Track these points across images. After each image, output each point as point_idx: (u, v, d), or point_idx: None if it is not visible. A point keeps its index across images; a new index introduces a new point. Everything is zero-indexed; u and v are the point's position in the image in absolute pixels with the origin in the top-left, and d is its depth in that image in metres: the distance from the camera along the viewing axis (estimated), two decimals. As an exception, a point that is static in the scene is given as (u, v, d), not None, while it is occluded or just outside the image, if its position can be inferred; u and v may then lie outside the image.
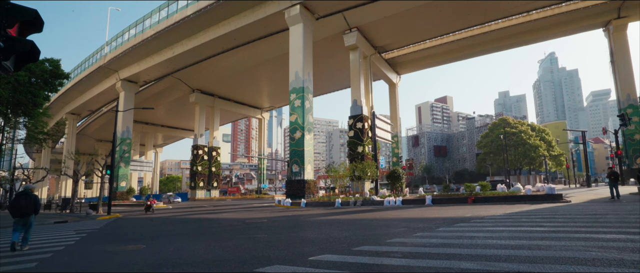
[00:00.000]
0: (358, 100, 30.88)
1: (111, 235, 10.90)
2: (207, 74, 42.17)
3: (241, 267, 5.20)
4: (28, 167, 59.52)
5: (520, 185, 21.63)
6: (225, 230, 10.78)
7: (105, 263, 6.19)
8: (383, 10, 28.39)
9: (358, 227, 9.78)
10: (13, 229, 7.97)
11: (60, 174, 48.10)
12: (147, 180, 72.95)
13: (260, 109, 60.22)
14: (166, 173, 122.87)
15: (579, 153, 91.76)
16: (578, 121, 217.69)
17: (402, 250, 5.84)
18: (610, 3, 30.39)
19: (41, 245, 8.96)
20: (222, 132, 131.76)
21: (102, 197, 24.91)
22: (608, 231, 6.87)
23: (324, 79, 43.29)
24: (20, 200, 7.94)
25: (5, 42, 3.59)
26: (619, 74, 31.72)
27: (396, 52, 39.09)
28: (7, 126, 24.49)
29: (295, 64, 27.29)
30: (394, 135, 39.29)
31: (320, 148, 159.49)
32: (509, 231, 7.52)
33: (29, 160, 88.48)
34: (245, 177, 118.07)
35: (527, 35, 35.22)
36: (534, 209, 12.74)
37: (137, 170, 52.43)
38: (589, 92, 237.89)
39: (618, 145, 26.32)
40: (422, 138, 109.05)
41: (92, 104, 52.33)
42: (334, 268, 4.85)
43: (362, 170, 26.54)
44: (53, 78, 22.76)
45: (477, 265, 4.56)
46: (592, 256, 4.73)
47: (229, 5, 29.25)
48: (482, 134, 76.61)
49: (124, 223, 15.85)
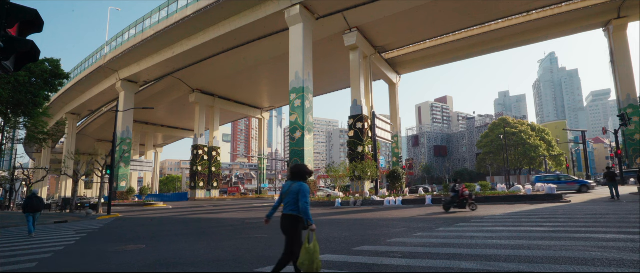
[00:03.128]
0: (358, 100, 30.88)
1: (111, 235, 10.90)
2: (207, 74, 42.16)
3: (241, 267, 5.20)
4: (28, 167, 59.58)
5: (520, 185, 21.64)
6: (225, 230, 10.78)
7: (105, 263, 6.19)
8: (383, 10, 28.37)
9: (358, 227, 9.78)
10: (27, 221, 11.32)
11: (60, 174, 48.10)
12: (147, 180, 72.91)
13: (260, 109, 60.20)
14: (166, 173, 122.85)
15: (579, 153, 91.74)
16: (578, 121, 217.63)
17: (402, 250, 5.84)
18: (610, 3, 30.37)
19: (41, 245, 8.96)
20: (222, 132, 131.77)
21: (102, 197, 24.91)
22: (608, 231, 6.87)
23: (324, 79, 43.27)
24: (32, 200, 11.50)
25: (5, 42, 3.58)
26: (619, 74, 31.70)
27: (396, 52, 39.07)
28: (7, 126, 24.51)
29: (295, 64, 27.29)
30: (394, 135, 39.27)
31: (320, 148, 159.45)
32: (508, 231, 7.52)
33: (29, 160, 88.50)
34: (245, 177, 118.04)
35: (527, 35, 35.19)
36: (534, 209, 12.74)
37: (137, 170, 52.41)
38: (589, 92, 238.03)
39: (618, 145, 26.34)
40: (422, 138, 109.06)
41: (92, 104, 52.31)
42: (334, 268, 4.85)
43: (362, 170, 26.53)
44: (53, 78, 22.76)
45: (477, 265, 4.56)
46: (592, 256, 4.73)
47: (229, 5, 29.24)
48: (482, 134, 76.61)
49: (124, 223, 15.85)
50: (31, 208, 11.31)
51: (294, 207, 3.98)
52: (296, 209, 3.96)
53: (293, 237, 3.96)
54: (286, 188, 4.11)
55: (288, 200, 4.05)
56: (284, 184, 4.27)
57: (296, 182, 4.09)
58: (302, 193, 3.95)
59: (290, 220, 3.98)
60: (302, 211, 3.91)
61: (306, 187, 4.03)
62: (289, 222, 3.98)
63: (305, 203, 3.91)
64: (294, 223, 3.97)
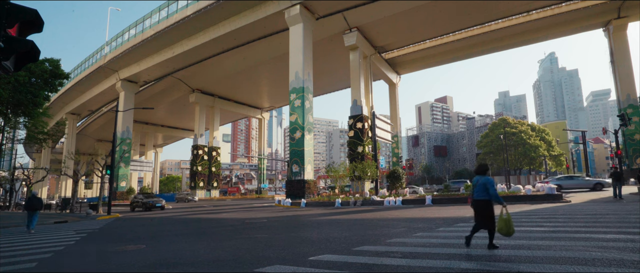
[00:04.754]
0: (358, 100, 30.88)
1: (111, 235, 10.90)
2: (207, 74, 42.17)
3: (241, 267, 5.20)
4: (28, 167, 59.55)
5: (520, 185, 21.65)
6: (225, 230, 10.77)
7: (105, 264, 6.19)
8: (383, 10, 28.38)
9: (358, 227, 9.77)
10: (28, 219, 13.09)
11: (60, 174, 48.10)
12: (147, 180, 72.92)
13: (260, 109, 60.21)
14: (166, 173, 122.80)
15: (579, 153, 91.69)
16: (578, 121, 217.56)
17: (402, 250, 5.84)
18: (610, 3, 30.37)
19: (41, 245, 8.96)
20: (222, 132, 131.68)
21: (102, 197, 24.91)
22: (608, 231, 6.87)
23: (324, 79, 43.28)
24: (33, 200, 13.33)
25: (5, 42, 3.58)
26: (619, 74, 31.69)
27: (396, 52, 39.08)
28: (7, 126, 24.51)
29: (295, 64, 27.29)
30: (394, 135, 39.27)
31: (320, 148, 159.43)
32: (509, 231, 7.50)
33: (29, 160, 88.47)
34: (245, 177, 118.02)
35: (527, 35, 35.20)
36: (534, 209, 12.74)
37: (137, 170, 52.42)
38: (589, 92, 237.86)
39: (618, 145, 26.28)
40: (422, 138, 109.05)
41: (92, 104, 52.32)
42: (334, 268, 4.85)
43: (362, 170, 26.53)
44: (53, 78, 22.76)
45: (477, 265, 4.56)
46: (592, 256, 4.73)
47: (228, 5, 29.24)
48: (482, 134, 76.55)
49: (124, 223, 15.85)
50: (32, 207, 13.17)
51: (484, 194, 5.58)
52: (486, 195, 5.56)
53: (487, 214, 5.58)
54: (476, 181, 5.81)
55: (478, 189, 5.68)
56: (473, 178, 5.94)
57: (482, 176, 5.75)
58: (489, 183, 5.56)
59: (483, 203, 5.62)
60: (493, 196, 5.49)
61: (491, 179, 5.66)
62: (483, 205, 5.62)
63: (494, 190, 5.52)
64: (486, 206, 5.59)
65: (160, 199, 27.83)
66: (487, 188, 5.54)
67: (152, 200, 27.13)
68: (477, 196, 5.66)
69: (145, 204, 26.63)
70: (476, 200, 5.67)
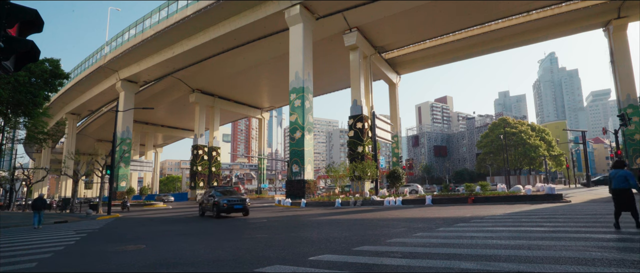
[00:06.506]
0: (358, 100, 30.88)
1: (111, 235, 10.90)
2: (207, 74, 42.16)
3: (241, 267, 5.20)
4: (28, 167, 59.55)
5: (520, 185, 21.65)
6: (225, 230, 10.78)
7: (105, 263, 6.19)
8: (383, 10, 28.37)
9: (358, 227, 9.77)
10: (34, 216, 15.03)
11: (60, 174, 48.11)
12: (147, 180, 72.88)
13: (260, 109, 60.19)
14: (166, 173, 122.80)
15: (579, 153, 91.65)
16: (578, 121, 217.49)
17: (402, 250, 5.84)
18: (610, 3, 30.35)
19: (41, 245, 8.96)
20: (222, 132, 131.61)
21: (102, 196, 24.92)
22: (608, 231, 6.87)
23: (324, 79, 43.27)
24: (38, 201, 15.30)
25: (5, 42, 3.58)
26: (619, 74, 31.67)
27: (396, 52, 39.07)
28: (7, 126, 24.50)
29: (295, 64, 27.28)
30: (394, 135, 39.27)
31: (320, 148, 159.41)
32: (508, 231, 7.52)
33: (29, 160, 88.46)
34: (245, 177, 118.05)
35: (527, 35, 35.19)
36: (534, 209, 12.74)
37: (137, 170, 52.41)
38: (589, 92, 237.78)
39: (618, 145, 26.34)
40: (422, 138, 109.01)
41: (92, 104, 52.31)
42: (334, 268, 4.85)
43: (362, 170, 26.53)
44: (53, 78, 22.75)
45: (477, 265, 4.56)
46: (592, 256, 4.73)
47: (228, 5, 29.23)
48: (482, 134, 76.58)
49: (124, 223, 15.85)
50: (36, 207, 15.12)
51: (625, 183, 6.93)
52: (627, 185, 6.90)
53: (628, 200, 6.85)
54: (613, 173, 7.13)
55: (618, 180, 6.99)
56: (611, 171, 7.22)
57: (620, 170, 7.06)
58: (629, 175, 6.89)
59: (624, 191, 6.94)
60: (633, 185, 6.83)
61: (629, 172, 6.92)
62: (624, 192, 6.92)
63: (634, 181, 6.80)
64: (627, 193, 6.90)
65: (241, 196, 16.93)
66: (627, 179, 6.84)
67: (232, 199, 15.64)
68: (616, 185, 6.95)
69: (221, 207, 15.14)
70: (616, 189, 6.95)
